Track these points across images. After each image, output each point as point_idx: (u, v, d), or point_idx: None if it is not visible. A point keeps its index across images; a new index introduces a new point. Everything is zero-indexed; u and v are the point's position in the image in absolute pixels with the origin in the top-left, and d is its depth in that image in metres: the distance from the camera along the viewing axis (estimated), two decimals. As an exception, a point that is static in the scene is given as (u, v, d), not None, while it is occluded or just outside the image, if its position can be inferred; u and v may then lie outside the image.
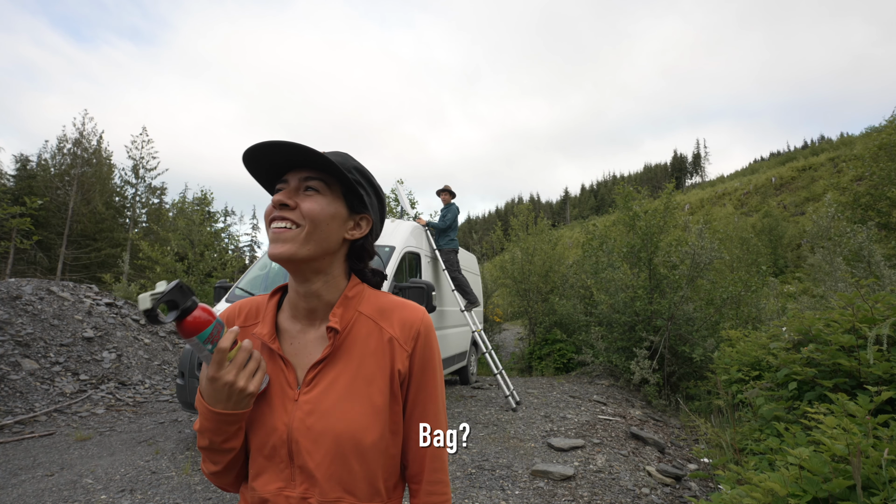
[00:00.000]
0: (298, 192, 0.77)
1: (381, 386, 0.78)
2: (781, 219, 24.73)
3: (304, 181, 0.77)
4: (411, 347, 0.81)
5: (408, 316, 0.83)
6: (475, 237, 31.43)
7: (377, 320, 0.82)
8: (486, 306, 11.42)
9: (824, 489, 1.57)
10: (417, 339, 0.82)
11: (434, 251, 6.22)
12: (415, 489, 0.84)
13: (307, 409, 0.75)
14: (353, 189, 0.80)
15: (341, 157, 0.80)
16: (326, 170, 0.78)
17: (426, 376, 0.82)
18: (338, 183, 0.80)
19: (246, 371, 0.72)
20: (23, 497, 3.22)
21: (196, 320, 0.67)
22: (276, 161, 0.77)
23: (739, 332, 4.45)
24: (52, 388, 5.70)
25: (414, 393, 0.82)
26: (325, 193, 0.78)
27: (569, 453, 3.91)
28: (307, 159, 0.76)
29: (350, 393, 0.76)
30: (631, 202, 7.40)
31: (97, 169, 21.27)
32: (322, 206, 0.77)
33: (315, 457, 0.73)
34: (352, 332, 0.80)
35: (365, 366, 0.78)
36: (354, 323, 0.81)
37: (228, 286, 4.95)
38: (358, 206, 0.83)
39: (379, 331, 0.81)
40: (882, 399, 1.95)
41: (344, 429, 0.74)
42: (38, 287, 7.49)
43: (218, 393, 0.70)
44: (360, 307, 0.82)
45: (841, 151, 37.49)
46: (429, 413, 0.82)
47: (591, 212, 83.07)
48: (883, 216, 9.99)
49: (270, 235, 0.76)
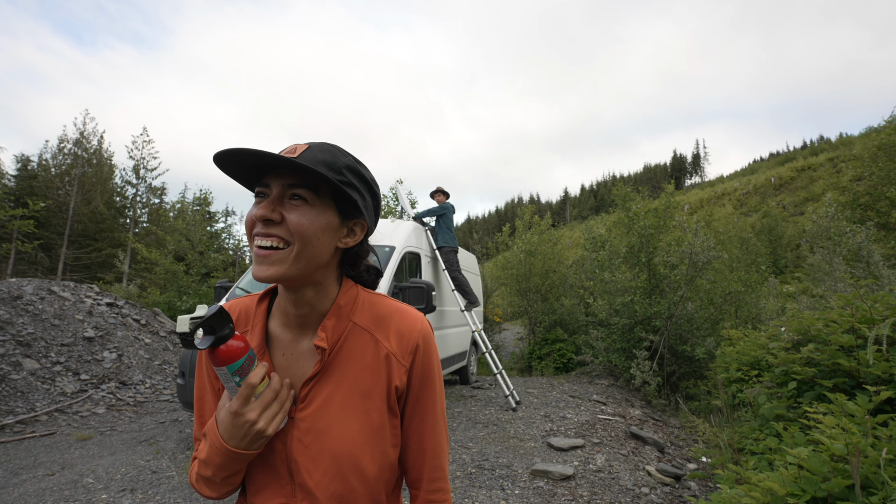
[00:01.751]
0: (283, 202, 0.68)
1: (378, 403, 0.74)
2: (781, 219, 24.73)
3: (289, 188, 0.68)
4: (409, 362, 0.77)
5: (405, 326, 0.78)
6: (475, 237, 31.43)
7: (373, 332, 0.77)
8: (486, 306, 11.43)
9: (823, 489, 1.57)
10: (416, 352, 0.77)
11: (434, 251, 6.23)
12: (414, 493, 0.82)
13: (303, 427, 0.72)
14: (344, 194, 0.71)
15: (330, 155, 0.70)
16: (314, 176, 0.68)
17: (425, 388, 0.79)
18: (327, 187, 0.70)
19: (269, 412, 0.68)
20: (24, 496, 3.22)
21: (230, 349, 0.64)
22: (256, 162, 0.68)
23: (739, 332, 4.45)
24: (52, 387, 5.71)
25: (412, 405, 0.79)
26: (313, 203, 0.69)
27: (568, 453, 3.91)
28: (290, 164, 0.66)
29: (346, 411, 0.72)
30: (630, 203, 7.41)
31: (98, 169, 21.25)
32: (311, 219, 0.68)
33: (314, 476, 0.70)
34: (345, 346, 0.75)
35: (360, 382, 0.74)
36: (348, 335, 0.75)
37: (228, 286, 4.95)
38: (351, 212, 0.74)
39: (375, 344, 0.76)
40: (881, 399, 1.96)
41: (342, 449, 0.71)
42: (39, 287, 7.49)
43: (236, 429, 0.66)
44: (353, 316, 0.77)
45: (840, 152, 37.49)
46: (427, 423, 0.79)
47: (591, 212, 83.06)
48: (882, 216, 10.00)
49: (255, 253, 0.68)
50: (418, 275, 5.74)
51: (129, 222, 22.22)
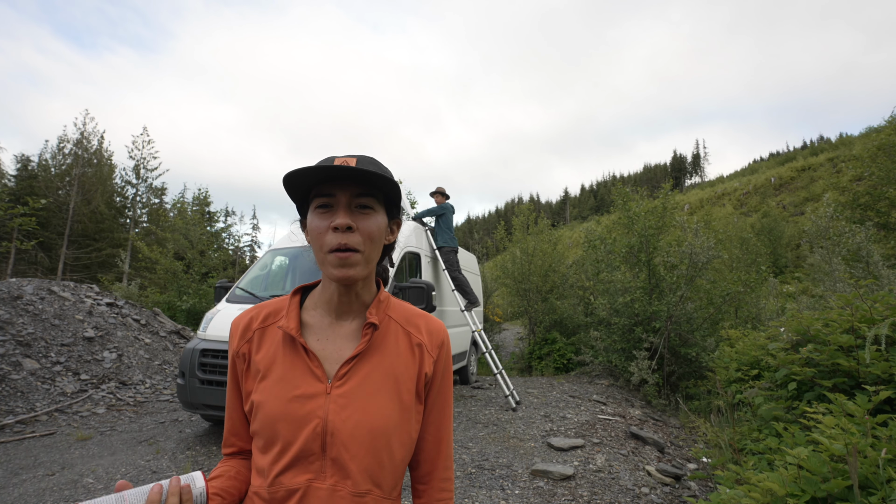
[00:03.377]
0: (352, 210, 0.77)
1: (409, 386, 0.82)
2: (781, 219, 24.73)
3: (356, 197, 0.77)
4: (437, 354, 0.87)
5: (433, 326, 0.89)
6: (476, 237, 31.43)
7: (405, 326, 0.87)
8: (486, 306, 11.42)
9: (823, 489, 1.57)
10: (442, 347, 0.88)
11: (434, 251, 6.23)
12: (422, 489, 0.87)
13: (342, 402, 0.76)
14: (394, 199, 0.83)
15: (377, 167, 0.79)
16: (376, 185, 0.78)
17: (445, 383, 0.89)
18: (382, 194, 0.81)
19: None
20: (24, 496, 3.22)
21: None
22: (325, 176, 0.76)
23: (739, 332, 4.45)
24: (52, 387, 5.71)
25: (433, 397, 0.87)
26: (377, 210, 0.80)
27: (568, 453, 3.91)
28: (363, 174, 0.75)
29: (382, 389, 0.79)
30: (629, 202, 7.41)
31: (98, 169, 21.23)
32: (379, 226, 0.79)
33: (351, 449, 0.75)
34: (383, 333, 0.84)
35: (396, 365, 0.82)
36: (387, 325, 0.85)
37: (228, 286, 4.95)
38: (394, 213, 0.86)
39: (407, 335, 0.86)
40: (880, 398, 1.96)
41: (378, 422, 0.76)
42: (39, 287, 7.49)
43: None
44: (389, 311, 0.87)
45: (840, 152, 37.48)
46: (444, 417, 0.88)
47: (591, 212, 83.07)
48: (882, 216, 10.00)
49: (334, 260, 0.76)
50: (418, 275, 5.74)
51: (129, 222, 22.22)
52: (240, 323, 0.87)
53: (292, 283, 5.20)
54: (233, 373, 0.86)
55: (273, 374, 0.80)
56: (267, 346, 0.83)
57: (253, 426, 0.80)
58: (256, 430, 0.79)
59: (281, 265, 5.59)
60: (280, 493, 0.75)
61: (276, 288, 5.25)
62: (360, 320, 0.84)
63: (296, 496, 0.74)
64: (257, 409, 0.78)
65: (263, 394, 0.79)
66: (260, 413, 0.78)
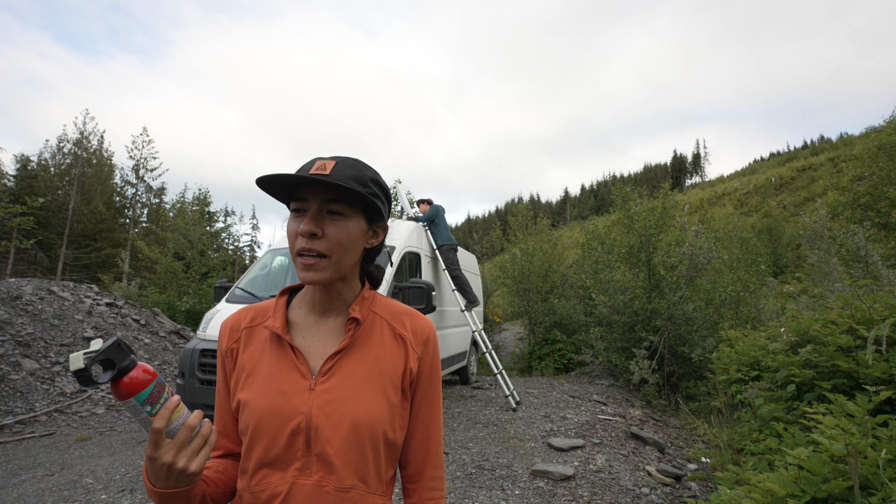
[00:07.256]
0: (322, 216, 0.77)
1: (395, 381, 0.82)
2: (781, 219, 24.72)
3: (326, 203, 0.77)
4: (421, 351, 0.86)
5: (418, 323, 0.89)
6: (475, 237, 31.43)
7: (390, 321, 0.87)
8: (486, 306, 11.42)
9: (823, 489, 1.57)
10: (427, 344, 0.87)
11: (434, 251, 6.22)
12: (412, 488, 0.86)
13: (326, 397, 0.77)
14: (372, 204, 0.81)
15: (356, 170, 0.79)
16: (350, 191, 0.77)
17: (432, 381, 0.88)
18: (358, 199, 0.80)
19: (188, 449, 0.67)
20: (23, 497, 3.22)
21: (133, 381, 0.62)
22: (295, 182, 0.78)
23: (738, 332, 4.45)
24: (52, 387, 5.71)
25: (421, 395, 0.86)
26: (348, 215, 0.79)
27: (569, 453, 3.91)
28: (327, 184, 0.75)
29: (366, 383, 0.79)
30: (629, 202, 7.41)
31: (98, 169, 21.24)
32: (348, 232, 0.78)
33: (334, 443, 0.75)
34: (368, 328, 0.85)
35: (380, 361, 0.82)
36: (371, 321, 0.86)
37: (228, 286, 4.95)
38: (376, 217, 0.85)
39: (392, 331, 0.86)
40: (881, 399, 1.95)
41: (362, 416, 0.77)
42: (39, 287, 7.49)
43: (157, 472, 0.66)
44: (374, 308, 0.88)
45: (841, 152, 37.46)
46: (433, 416, 0.88)
47: (591, 212, 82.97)
48: (882, 216, 9.99)
49: (299, 264, 0.77)
50: (418, 275, 5.73)
51: (128, 222, 22.21)
52: (228, 323, 0.89)
53: (291, 283, 5.20)
54: (222, 372, 0.87)
55: (259, 372, 0.81)
56: (254, 346, 0.84)
57: (240, 424, 0.80)
58: (243, 429, 0.79)
59: (280, 265, 5.59)
60: (266, 491, 0.75)
61: (276, 288, 5.24)
62: (345, 317, 0.85)
63: (281, 493, 0.74)
64: (243, 407, 0.79)
65: (250, 391, 0.79)
66: (246, 410, 0.78)
